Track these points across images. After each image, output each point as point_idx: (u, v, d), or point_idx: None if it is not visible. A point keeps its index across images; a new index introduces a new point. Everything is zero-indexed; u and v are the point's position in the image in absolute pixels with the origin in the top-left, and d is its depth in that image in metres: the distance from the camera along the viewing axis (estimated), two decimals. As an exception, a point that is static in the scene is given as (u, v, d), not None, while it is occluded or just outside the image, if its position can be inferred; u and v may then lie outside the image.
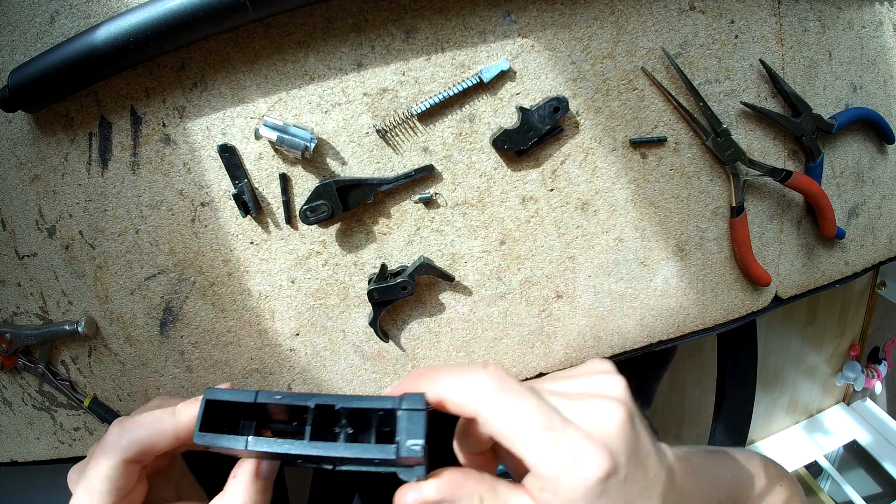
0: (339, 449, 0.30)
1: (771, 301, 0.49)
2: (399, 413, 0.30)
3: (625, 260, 0.44)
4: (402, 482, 0.32)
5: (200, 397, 0.32)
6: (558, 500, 0.25)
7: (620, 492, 0.25)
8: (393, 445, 0.29)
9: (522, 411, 0.25)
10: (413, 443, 0.29)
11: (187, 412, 0.33)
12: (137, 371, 0.44)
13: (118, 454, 0.32)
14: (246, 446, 0.30)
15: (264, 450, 0.30)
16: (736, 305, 0.48)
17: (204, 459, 0.38)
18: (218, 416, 0.31)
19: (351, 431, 0.33)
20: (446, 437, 0.33)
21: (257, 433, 0.31)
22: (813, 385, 2.02)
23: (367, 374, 0.45)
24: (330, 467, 0.32)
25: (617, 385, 0.28)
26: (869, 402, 2.04)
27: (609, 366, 0.30)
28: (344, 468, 0.32)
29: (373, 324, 0.42)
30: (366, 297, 0.42)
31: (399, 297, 0.40)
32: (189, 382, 0.44)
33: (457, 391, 0.27)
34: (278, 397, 0.31)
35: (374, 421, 0.32)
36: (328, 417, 0.32)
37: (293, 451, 0.30)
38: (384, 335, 0.43)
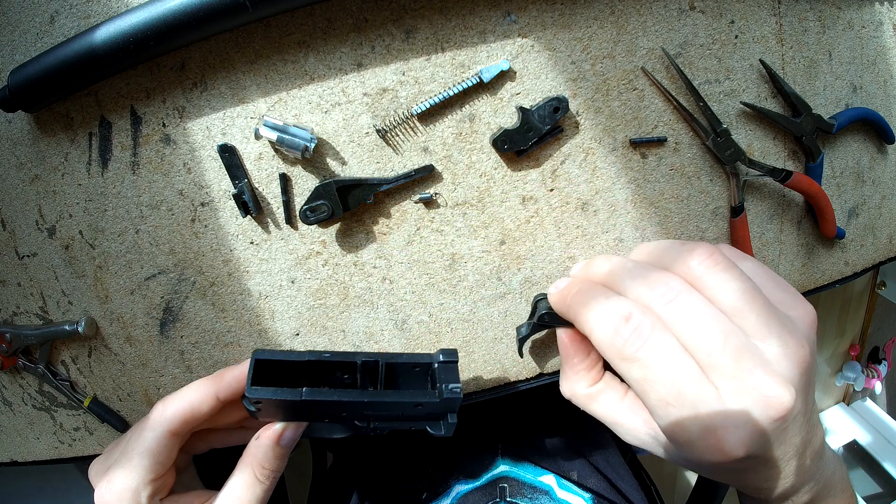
0: (388, 395, 0.32)
1: (771, 301, 0.49)
2: (436, 365, 0.34)
3: (625, 260, 0.44)
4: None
5: (242, 363, 0.34)
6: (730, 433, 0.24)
7: (791, 434, 0.25)
8: (435, 391, 0.32)
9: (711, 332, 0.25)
10: (454, 386, 0.32)
11: (228, 374, 0.34)
12: (137, 371, 0.44)
13: (163, 426, 0.33)
14: (301, 396, 0.31)
15: (319, 399, 0.31)
16: (736, 305, 0.48)
17: (209, 465, 0.40)
18: (258, 376, 0.32)
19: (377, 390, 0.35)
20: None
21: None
22: (813, 385, 2.02)
23: (367, 374, 0.45)
24: (364, 425, 0.34)
25: (807, 316, 0.28)
26: (869, 402, 2.04)
27: (800, 299, 0.29)
28: (377, 425, 0.35)
29: (523, 339, 0.42)
30: (366, 296, 0.42)
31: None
32: (189, 382, 0.44)
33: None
34: (327, 356, 0.32)
35: (402, 379, 0.35)
36: (357, 375, 0.34)
37: (347, 399, 0.31)
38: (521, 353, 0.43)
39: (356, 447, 0.66)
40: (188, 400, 0.33)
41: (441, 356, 0.34)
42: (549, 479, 0.51)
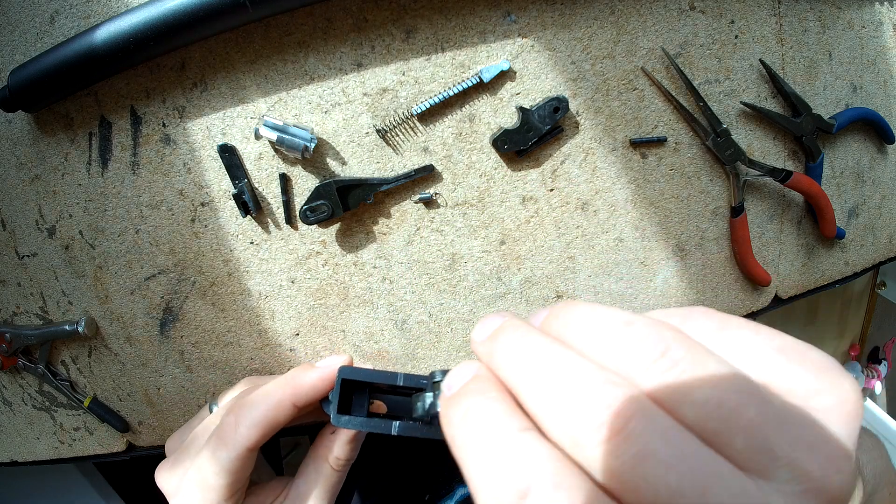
0: None
1: (771, 301, 0.49)
2: None
3: (625, 260, 0.44)
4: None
5: (313, 365, 0.31)
6: None
7: None
8: None
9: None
10: None
11: (305, 381, 0.31)
12: (137, 371, 0.44)
13: (241, 444, 0.29)
14: (393, 431, 0.27)
15: (411, 435, 0.27)
16: (736, 305, 0.48)
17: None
18: (344, 398, 0.29)
19: None
20: None
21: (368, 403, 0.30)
22: (813, 385, 2.01)
23: (367, 374, 0.45)
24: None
25: (847, 399, 0.15)
26: (869, 402, 2.04)
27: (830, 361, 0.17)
28: None
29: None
30: (366, 296, 0.42)
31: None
32: (189, 382, 0.44)
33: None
34: (424, 382, 0.27)
35: None
36: None
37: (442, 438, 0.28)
38: None
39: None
40: (264, 413, 0.30)
41: None
42: None
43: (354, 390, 0.29)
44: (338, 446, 0.32)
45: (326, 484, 0.33)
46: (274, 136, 0.36)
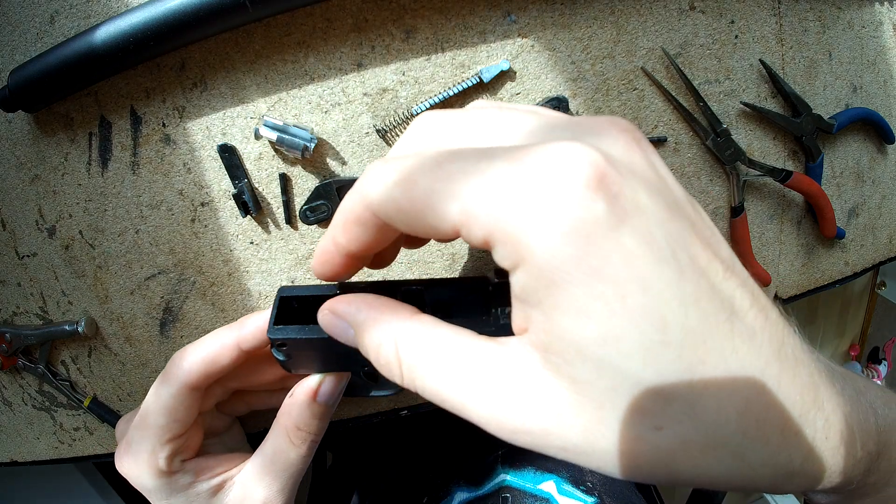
0: None
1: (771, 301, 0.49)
2: (490, 288, 0.28)
3: (625, 260, 0.44)
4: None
5: (263, 311, 0.29)
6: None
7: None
8: (489, 317, 0.27)
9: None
10: (510, 309, 0.23)
11: (251, 320, 0.30)
12: (137, 371, 0.44)
13: (179, 380, 0.29)
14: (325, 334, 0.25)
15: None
16: (736, 305, 0.48)
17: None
18: (287, 315, 0.27)
19: None
20: None
21: None
22: (813, 385, 2.02)
23: (367, 374, 0.45)
24: None
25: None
26: (869, 402, 2.03)
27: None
28: None
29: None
30: (366, 297, 0.42)
31: None
32: (189, 382, 0.44)
33: None
34: (362, 287, 0.26)
35: (455, 308, 0.28)
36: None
37: None
38: None
39: (356, 447, 0.66)
40: (206, 350, 0.29)
41: (496, 276, 0.28)
42: (548, 486, 0.51)
43: (306, 317, 0.27)
44: (297, 411, 0.28)
45: (282, 460, 0.28)
46: (274, 136, 0.36)
